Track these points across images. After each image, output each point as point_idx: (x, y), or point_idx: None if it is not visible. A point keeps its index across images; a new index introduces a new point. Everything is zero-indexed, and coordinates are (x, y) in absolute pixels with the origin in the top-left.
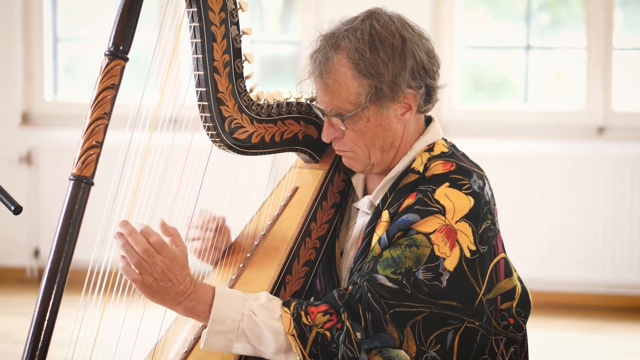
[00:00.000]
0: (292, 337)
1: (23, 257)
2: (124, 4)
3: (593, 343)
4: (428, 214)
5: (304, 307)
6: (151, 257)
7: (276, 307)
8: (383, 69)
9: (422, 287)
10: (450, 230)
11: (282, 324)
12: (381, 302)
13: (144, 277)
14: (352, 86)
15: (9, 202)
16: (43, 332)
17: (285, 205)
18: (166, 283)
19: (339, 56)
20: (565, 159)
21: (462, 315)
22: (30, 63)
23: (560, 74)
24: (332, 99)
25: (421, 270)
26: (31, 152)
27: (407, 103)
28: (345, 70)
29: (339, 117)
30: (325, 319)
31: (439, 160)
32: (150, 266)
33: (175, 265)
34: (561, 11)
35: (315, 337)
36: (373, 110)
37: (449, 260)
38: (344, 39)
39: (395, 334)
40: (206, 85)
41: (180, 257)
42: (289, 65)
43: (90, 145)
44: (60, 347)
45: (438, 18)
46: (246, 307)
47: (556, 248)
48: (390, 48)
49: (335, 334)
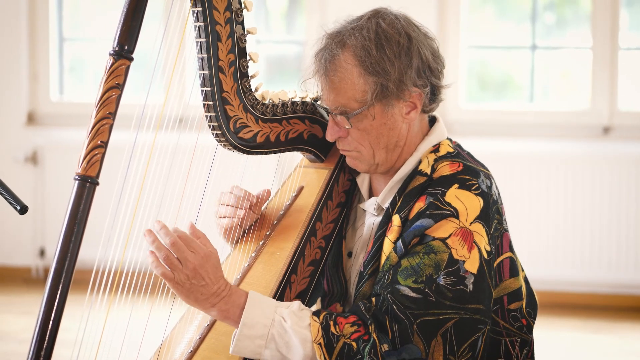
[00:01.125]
0: (318, 345)
1: (28, 257)
2: (128, 3)
3: (598, 343)
4: (441, 217)
5: (333, 317)
6: (181, 251)
7: (306, 315)
8: (389, 67)
9: (446, 293)
10: (466, 233)
11: (310, 332)
12: (407, 312)
13: (175, 273)
14: (358, 84)
15: (14, 201)
16: (48, 332)
17: (290, 204)
18: (199, 281)
19: (345, 54)
20: (570, 158)
21: (487, 318)
22: (35, 63)
23: (565, 74)
24: (338, 96)
25: (442, 276)
26: (36, 152)
27: (413, 102)
28: (352, 68)
29: (344, 115)
30: (353, 330)
31: (445, 161)
32: (181, 262)
33: (207, 263)
34: (567, 11)
35: (342, 347)
36: (379, 109)
37: (470, 263)
38: (350, 36)
39: (420, 345)
40: (211, 85)
41: (213, 256)
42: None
43: (95, 145)
44: (65, 347)
45: (443, 18)
46: (277, 313)
47: (561, 248)
48: (396, 46)
49: (361, 345)
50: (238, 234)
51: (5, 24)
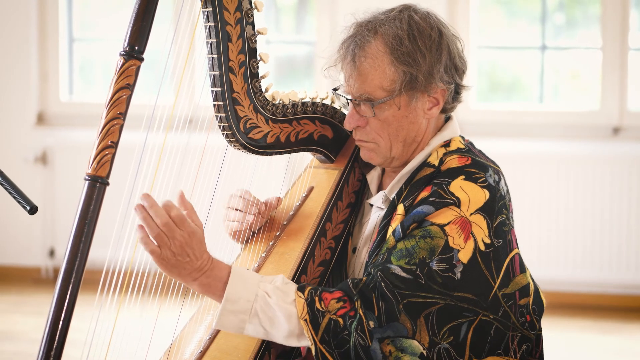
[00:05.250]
0: (304, 322)
1: (38, 257)
2: (139, 3)
3: (608, 344)
4: (443, 205)
5: (318, 292)
6: (171, 230)
7: (290, 290)
8: (420, 58)
9: (436, 278)
10: (465, 222)
11: (295, 307)
12: (395, 291)
13: (162, 250)
14: (388, 72)
15: (24, 202)
16: (58, 332)
17: (300, 205)
18: (184, 258)
19: (377, 41)
20: (580, 159)
21: (477, 308)
22: (45, 63)
23: (575, 74)
24: (364, 84)
25: (435, 261)
26: (46, 152)
27: (436, 97)
28: (383, 56)
29: (369, 103)
30: (339, 306)
31: (454, 155)
32: (169, 240)
33: (193, 240)
34: (576, 11)
35: (327, 324)
36: (404, 100)
37: (463, 252)
38: (383, 24)
39: (408, 324)
40: (221, 85)
41: (199, 232)
42: (304, 65)
43: (106, 145)
44: (75, 347)
45: (453, 18)
46: (261, 288)
47: (571, 248)
48: (428, 39)
49: (347, 321)
50: (248, 235)
51: (15, 24)
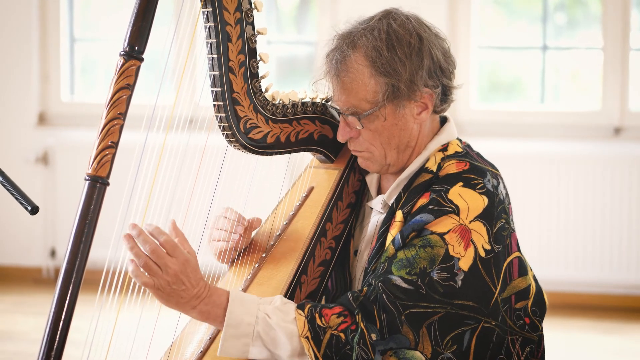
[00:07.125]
0: (305, 339)
1: (39, 257)
2: (139, 4)
3: (609, 344)
4: (442, 213)
5: (318, 309)
6: (161, 258)
7: (290, 309)
8: (400, 67)
9: (437, 288)
10: (465, 230)
11: (296, 326)
12: (396, 303)
13: (156, 279)
14: (370, 84)
15: (25, 202)
16: (59, 332)
17: (300, 205)
18: (179, 286)
19: (356, 54)
20: (581, 159)
21: (479, 315)
22: (46, 63)
23: (576, 75)
24: (349, 97)
25: (436, 270)
26: (47, 153)
27: (424, 102)
28: (363, 69)
29: (356, 116)
30: (340, 321)
31: (452, 160)
32: (161, 268)
33: (187, 268)
34: (577, 11)
35: (329, 339)
36: (390, 109)
37: (464, 260)
38: (361, 37)
39: (410, 335)
40: (221, 85)
41: (192, 260)
42: (305, 66)
43: (106, 145)
44: (76, 347)
45: (454, 18)
46: (261, 310)
47: (572, 248)
48: (407, 46)
49: (349, 335)
50: (233, 257)
51: (16, 24)
